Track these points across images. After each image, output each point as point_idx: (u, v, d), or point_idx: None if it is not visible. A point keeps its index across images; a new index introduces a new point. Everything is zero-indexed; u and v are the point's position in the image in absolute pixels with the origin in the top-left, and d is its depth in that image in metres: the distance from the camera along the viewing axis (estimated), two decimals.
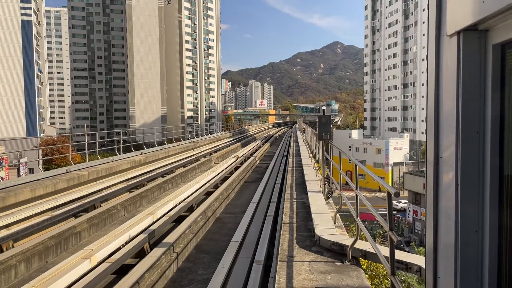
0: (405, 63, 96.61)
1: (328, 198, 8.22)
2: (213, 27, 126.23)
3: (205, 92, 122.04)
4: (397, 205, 53.98)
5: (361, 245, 4.84)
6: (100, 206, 10.36)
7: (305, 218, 7.07)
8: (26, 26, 72.65)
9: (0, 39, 70.60)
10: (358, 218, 4.74)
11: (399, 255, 4.35)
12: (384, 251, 3.88)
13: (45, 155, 47.62)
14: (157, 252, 6.72)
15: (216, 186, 13.69)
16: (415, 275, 15.96)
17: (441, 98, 2.02)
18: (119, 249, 6.95)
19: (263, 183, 14.51)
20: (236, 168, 18.20)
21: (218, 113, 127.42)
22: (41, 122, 78.11)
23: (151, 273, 6.00)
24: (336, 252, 5.08)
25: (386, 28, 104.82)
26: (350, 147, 79.01)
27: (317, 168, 12.69)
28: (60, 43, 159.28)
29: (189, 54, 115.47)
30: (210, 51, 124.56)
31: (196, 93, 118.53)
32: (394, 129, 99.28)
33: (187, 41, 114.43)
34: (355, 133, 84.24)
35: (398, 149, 74.40)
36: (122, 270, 6.26)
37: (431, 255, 2.09)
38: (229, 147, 29.19)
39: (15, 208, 8.67)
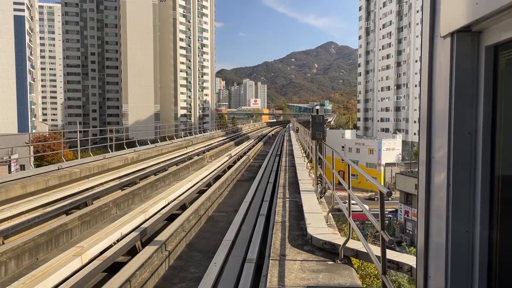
0: (398, 64, 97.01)
1: (321, 197, 8.24)
2: (208, 25, 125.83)
3: (198, 91, 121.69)
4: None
5: (353, 244, 4.86)
6: (92, 203, 10.29)
7: (297, 217, 7.08)
8: (18, 22, 71.79)
9: None
10: (350, 218, 4.75)
11: (391, 254, 4.37)
12: (376, 250, 3.89)
13: (37, 151, 47.08)
14: (149, 250, 6.70)
15: (209, 185, 13.67)
16: (406, 275, 16.07)
17: (434, 99, 2.03)
18: (110, 246, 6.92)
19: (256, 182, 14.52)
20: (229, 167, 18.19)
21: (211, 112, 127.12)
22: (33, 119, 77.33)
23: (143, 271, 5.98)
24: (328, 251, 5.09)
25: (380, 29, 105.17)
26: (343, 147, 79.23)
27: (310, 168, 12.71)
28: (53, 39, 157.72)
29: (183, 52, 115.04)
30: (204, 49, 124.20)
31: (190, 91, 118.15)
32: (387, 130, 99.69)
33: (181, 39, 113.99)
34: (348, 133, 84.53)
35: (391, 150, 74.74)
36: (113, 268, 6.23)
37: (422, 255, 2.10)
38: (222, 146, 29.16)
39: (6, 205, 8.58)
